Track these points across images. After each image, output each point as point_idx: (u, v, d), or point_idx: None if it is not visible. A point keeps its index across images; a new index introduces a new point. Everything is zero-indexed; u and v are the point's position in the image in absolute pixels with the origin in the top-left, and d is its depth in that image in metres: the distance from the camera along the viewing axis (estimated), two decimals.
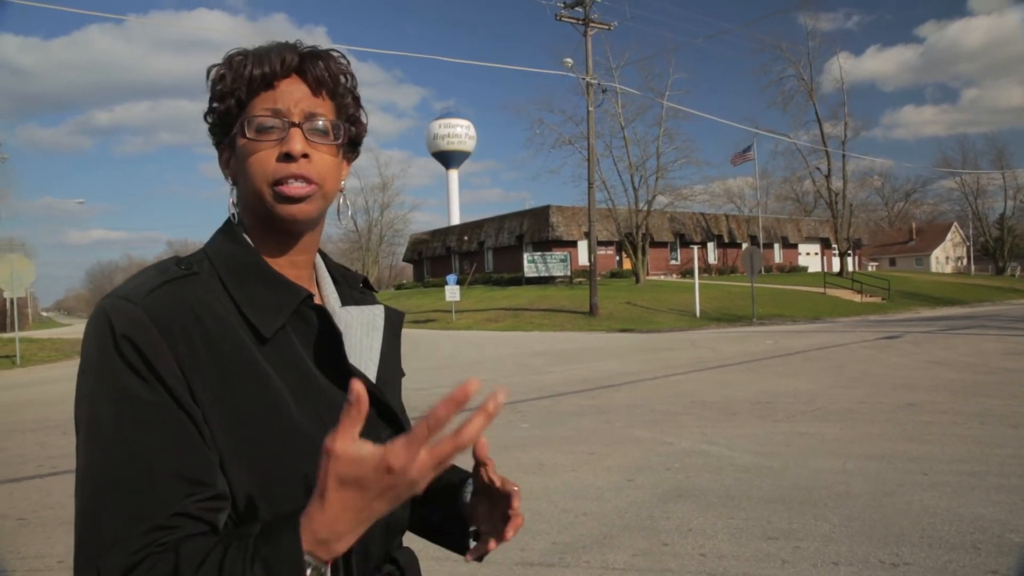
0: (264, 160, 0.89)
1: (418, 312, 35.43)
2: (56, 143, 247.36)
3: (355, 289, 1.08)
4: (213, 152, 0.99)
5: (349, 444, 0.65)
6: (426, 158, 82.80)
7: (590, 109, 28.31)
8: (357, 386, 0.65)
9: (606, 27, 28.32)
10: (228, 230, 0.95)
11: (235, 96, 0.91)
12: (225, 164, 0.96)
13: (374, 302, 1.08)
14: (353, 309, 1.02)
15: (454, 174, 76.65)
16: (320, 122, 0.92)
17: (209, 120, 0.96)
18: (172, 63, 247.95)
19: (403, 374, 1.08)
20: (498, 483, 0.97)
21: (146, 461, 0.75)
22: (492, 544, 0.97)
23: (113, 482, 0.75)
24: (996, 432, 6.61)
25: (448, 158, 74.87)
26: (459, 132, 73.11)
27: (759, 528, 4.28)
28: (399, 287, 60.82)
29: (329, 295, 1.02)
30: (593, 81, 27.91)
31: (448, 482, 1.09)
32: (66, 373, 17.97)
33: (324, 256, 1.06)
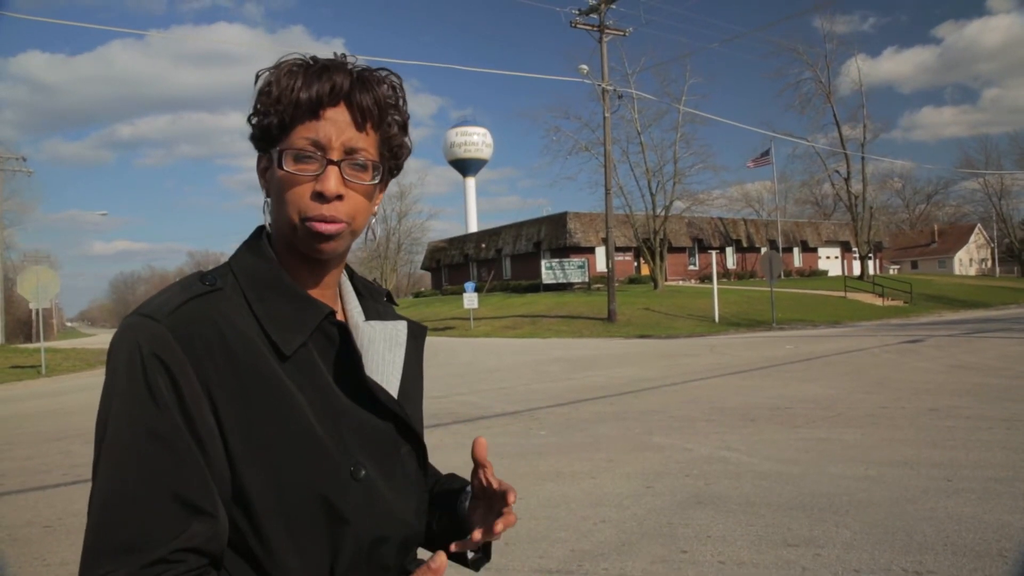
0: (299, 194, 0.88)
1: (436, 320, 35.53)
2: (79, 157, 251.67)
3: (379, 303, 1.07)
4: (232, 164, 1.01)
5: None
6: (443, 166, 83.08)
7: (606, 115, 28.31)
8: (440, 558, 0.84)
9: (621, 33, 28.34)
10: (254, 244, 0.94)
11: (278, 115, 0.89)
12: (262, 174, 0.96)
13: (397, 316, 1.07)
14: (377, 324, 1.01)
15: (471, 182, 76.88)
16: (360, 159, 0.91)
17: (253, 123, 0.94)
18: (193, 76, 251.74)
19: (422, 388, 1.08)
20: (495, 485, 0.98)
21: (157, 485, 0.77)
22: (477, 534, 0.97)
23: (122, 505, 0.76)
24: (1023, 437, 6.49)
25: (465, 166, 75.11)
26: (476, 140, 73.36)
27: (779, 535, 4.24)
28: (417, 295, 61.04)
29: (352, 309, 1.02)
30: (609, 87, 27.92)
31: (449, 488, 1.10)
32: (90, 383, 18.21)
33: (348, 269, 1.05)
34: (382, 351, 0.99)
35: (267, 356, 0.85)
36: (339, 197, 0.88)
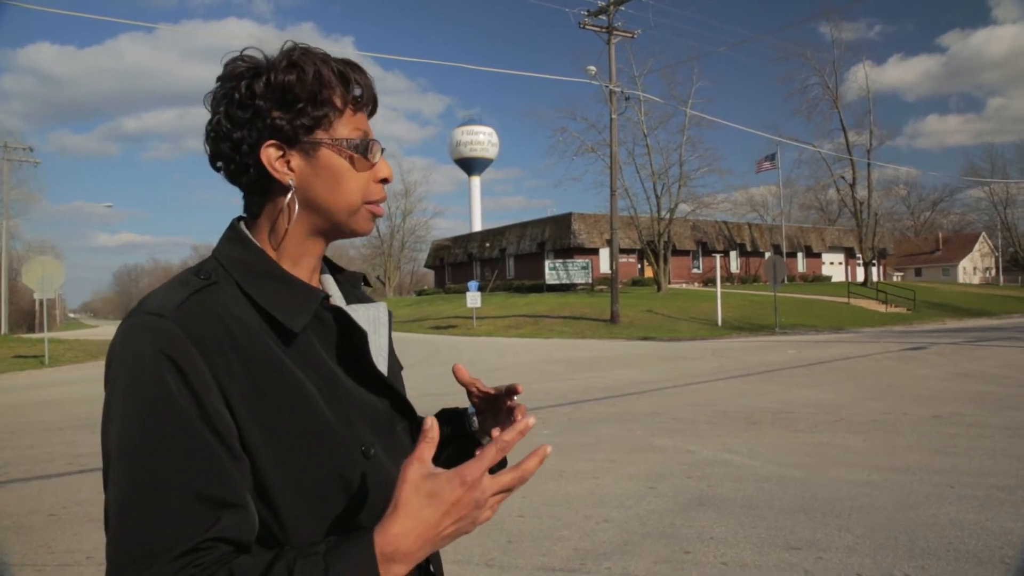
0: (363, 179, 0.95)
1: (439, 318, 35.56)
2: (86, 149, 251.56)
3: (356, 288, 1.10)
4: None
5: (427, 461, 0.77)
6: (449, 165, 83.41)
7: (613, 117, 28.32)
8: (429, 420, 0.79)
9: (629, 35, 28.33)
10: (236, 236, 0.93)
11: (332, 106, 0.92)
12: (286, 165, 0.91)
13: (371, 300, 1.10)
14: (359, 307, 1.03)
15: (476, 181, 76.89)
16: (384, 150, 0.99)
17: (283, 114, 0.90)
18: (201, 71, 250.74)
19: (401, 367, 1.11)
20: (493, 391, 1.05)
21: (178, 485, 0.75)
22: (495, 432, 0.99)
23: (146, 503, 0.74)
24: None
25: (471, 165, 75.14)
26: (482, 139, 73.38)
27: (781, 538, 4.26)
28: (420, 293, 61.06)
29: (334, 295, 1.04)
30: (616, 89, 27.91)
31: (451, 414, 1.16)
32: (93, 374, 18.24)
33: (325, 257, 1.07)
34: (369, 333, 0.99)
35: (272, 344, 0.85)
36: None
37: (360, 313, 1.02)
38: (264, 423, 0.82)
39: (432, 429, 0.79)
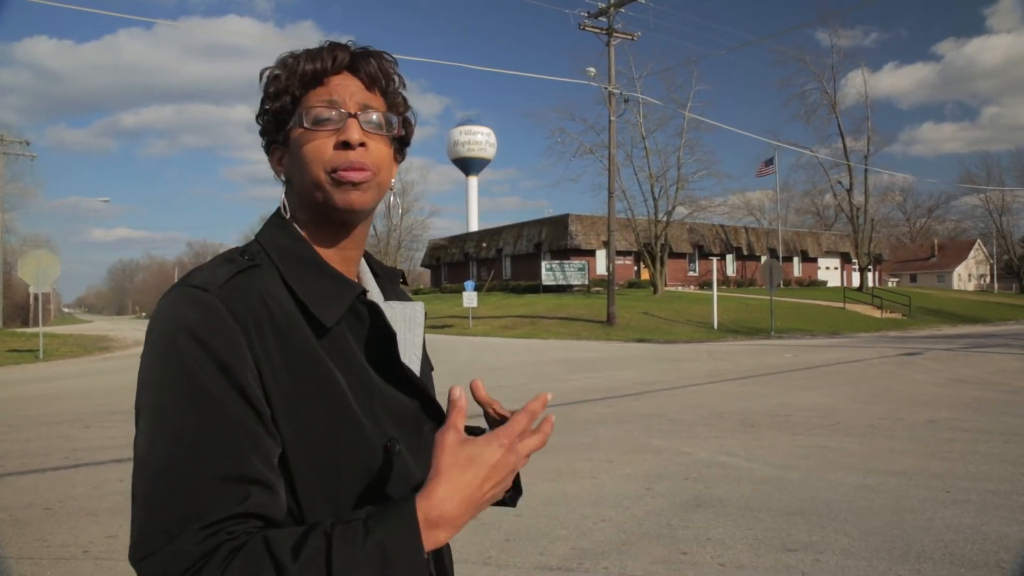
0: (321, 148, 0.89)
1: (435, 317, 35.53)
2: (83, 144, 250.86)
3: (395, 284, 1.09)
4: (235, 156, 0.99)
5: (460, 429, 0.79)
6: (446, 165, 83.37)
7: (612, 119, 28.35)
8: (457, 390, 0.80)
9: (629, 37, 28.35)
10: (280, 223, 0.94)
11: (289, 93, 0.92)
12: (278, 163, 0.96)
13: (409, 298, 1.09)
14: (396, 304, 1.02)
15: (474, 181, 76.93)
16: (375, 115, 0.93)
17: (262, 121, 0.96)
18: (200, 68, 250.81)
19: (432, 367, 1.11)
20: (508, 415, 1.01)
21: (211, 456, 0.75)
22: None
23: (178, 474, 0.74)
24: (1021, 451, 6.53)
25: (468, 165, 75.16)
26: (480, 139, 73.40)
27: (778, 540, 4.27)
28: (416, 292, 61.02)
29: (372, 290, 1.03)
30: (615, 91, 27.93)
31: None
32: (88, 369, 18.21)
33: (364, 252, 1.06)
34: (403, 332, 0.99)
35: (307, 332, 0.86)
36: (363, 145, 0.90)
37: (396, 311, 1.01)
38: (293, 407, 0.82)
39: (460, 399, 0.80)
